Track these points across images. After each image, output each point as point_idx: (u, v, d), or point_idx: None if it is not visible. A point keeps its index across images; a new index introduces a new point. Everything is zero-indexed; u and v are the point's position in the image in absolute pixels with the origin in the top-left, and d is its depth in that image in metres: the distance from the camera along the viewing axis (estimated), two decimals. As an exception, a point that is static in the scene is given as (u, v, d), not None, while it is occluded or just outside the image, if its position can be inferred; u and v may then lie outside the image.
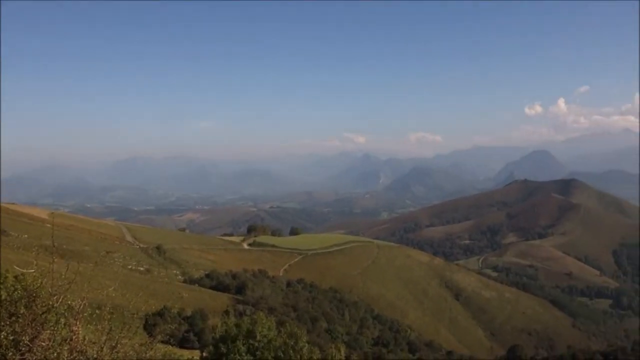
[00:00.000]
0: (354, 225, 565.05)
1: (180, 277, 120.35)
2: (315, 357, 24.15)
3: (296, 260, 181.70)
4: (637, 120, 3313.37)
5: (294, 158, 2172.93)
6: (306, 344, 24.96)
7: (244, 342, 23.97)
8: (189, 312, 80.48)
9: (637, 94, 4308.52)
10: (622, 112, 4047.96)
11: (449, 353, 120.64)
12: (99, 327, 10.77)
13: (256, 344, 24.12)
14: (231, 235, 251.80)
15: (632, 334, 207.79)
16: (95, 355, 10.12)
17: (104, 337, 10.59)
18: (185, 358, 27.83)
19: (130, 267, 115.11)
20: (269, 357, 23.74)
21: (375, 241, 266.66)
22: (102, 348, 10.30)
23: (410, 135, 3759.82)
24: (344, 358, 24.41)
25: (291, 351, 23.92)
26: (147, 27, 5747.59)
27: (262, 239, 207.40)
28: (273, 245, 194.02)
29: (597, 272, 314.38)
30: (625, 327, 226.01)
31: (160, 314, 68.37)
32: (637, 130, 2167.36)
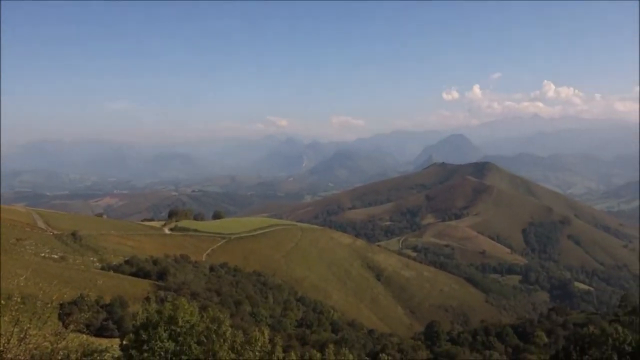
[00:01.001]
0: (278, 208, 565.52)
1: (97, 264, 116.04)
2: (238, 341, 24.01)
3: (219, 244, 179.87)
4: (545, 106, 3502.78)
5: (216, 141, 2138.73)
6: (229, 328, 24.76)
7: (165, 328, 23.46)
8: (107, 300, 77.91)
9: (545, 81, 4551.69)
10: (532, 98, 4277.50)
11: (371, 331, 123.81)
12: (6, 318, 10.13)
13: (178, 330, 23.67)
14: (152, 220, 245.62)
15: (539, 307, 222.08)
16: (1, 348, 9.51)
17: (12, 328, 9.99)
18: (104, 347, 26.87)
19: (43, 255, 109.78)
20: (192, 343, 23.39)
21: (299, 224, 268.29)
22: (8, 340, 9.70)
23: (333, 119, 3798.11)
24: (267, 340, 24.43)
25: (214, 336, 23.67)
26: (58, 6, 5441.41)
27: (184, 223, 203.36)
28: (195, 230, 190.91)
29: (508, 250, 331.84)
30: (533, 301, 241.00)
31: (75, 302, 65.71)
32: (546, 116, 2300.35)
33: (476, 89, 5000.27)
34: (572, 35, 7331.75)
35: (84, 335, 23.68)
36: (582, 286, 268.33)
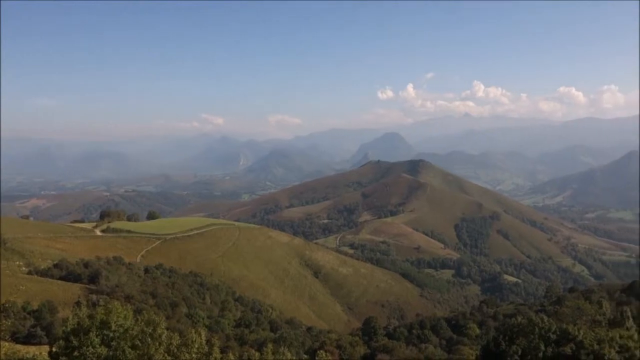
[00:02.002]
0: (214, 207, 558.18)
1: (24, 268, 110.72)
2: (175, 343, 23.65)
3: (154, 245, 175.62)
4: (475, 105, 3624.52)
5: (150, 139, 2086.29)
6: (165, 331, 24.34)
7: (97, 333, 22.79)
8: (35, 306, 74.61)
9: (475, 81, 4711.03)
10: (463, 97, 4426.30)
11: (309, 329, 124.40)
12: None
13: (111, 334, 23.05)
14: (82, 221, 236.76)
15: (471, 299, 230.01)
16: None
17: None
18: (32, 355, 25.81)
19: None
20: (126, 347, 22.82)
21: (236, 223, 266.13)
22: None
23: (269, 118, 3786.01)
24: (204, 342, 24.18)
25: (149, 339, 23.20)
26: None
27: (116, 224, 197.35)
28: (129, 231, 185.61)
29: (442, 245, 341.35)
30: (465, 294, 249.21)
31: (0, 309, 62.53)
32: (476, 115, 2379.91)
33: (410, 88, 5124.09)
34: (499, 36, 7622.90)
35: (9, 344, 22.66)
36: (510, 278, 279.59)
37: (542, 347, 32.97)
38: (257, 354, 28.58)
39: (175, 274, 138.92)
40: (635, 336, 33.63)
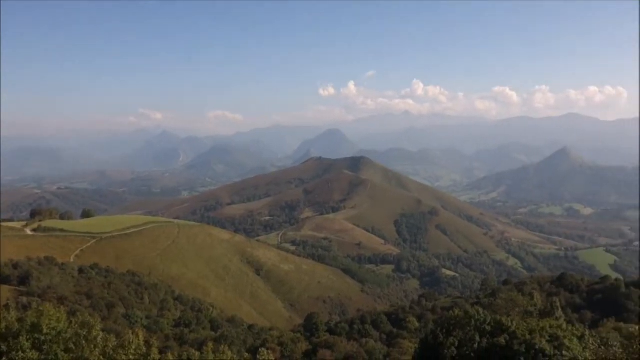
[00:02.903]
0: (153, 205, 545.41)
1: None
2: (111, 345, 22.95)
3: (89, 244, 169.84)
4: (415, 103, 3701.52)
5: (84, 135, 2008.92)
6: (101, 333, 23.62)
7: (28, 337, 21.82)
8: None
9: (415, 80, 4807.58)
10: (403, 96, 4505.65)
11: (251, 326, 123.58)
12: None
13: (43, 338, 22.13)
14: (11, 220, 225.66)
15: (410, 294, 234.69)
16: None
17: None
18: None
19: None
20: (59, 351, 21.98)
21: (176, 221, 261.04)
22: None
23: (210, 113, 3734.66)
24: (142, 343, 23.60)
25: (84, 341, 22.44)
26: None
27: (48, 223, 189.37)
28: (62, 230, 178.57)
29: (382, 241, 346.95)
30: (405, 289, 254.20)
31: None
32: (415, 113, 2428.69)
33: (352, 86, 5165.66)
34: (437, 36, 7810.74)
35: None
36: (448, 272, 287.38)
37: (478, 338, 34.03)
38: (197, 353, 28.12)
39: (111, 274, 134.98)
40: (564, 325, 35.21)
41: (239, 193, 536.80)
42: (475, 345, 33.74)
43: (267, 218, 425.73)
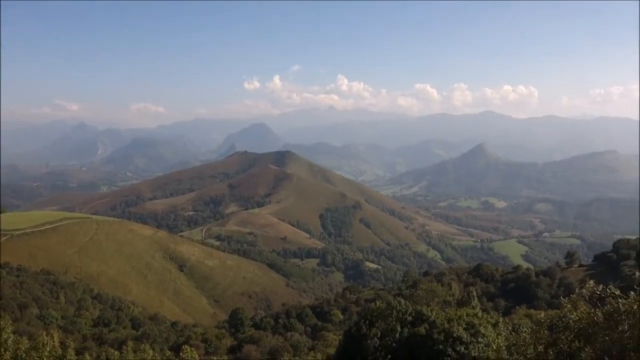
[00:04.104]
0: (70, 200, 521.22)
1: None
2: (23, 348, 21.82)
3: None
4: (339, 99, 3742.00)
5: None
6: (12, 335, 22.41)
7: None
8: None
9: (339, 76, 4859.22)
10: (327, 91, 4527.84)
11: (174, 324, 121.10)
12: None
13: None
14: None
15: (335, 287, 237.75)
16: None
17: None
18: None
19: None
20: (-37, 356, 20.66)
21: (94, 217, 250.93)
22: None
23: (131, 105, 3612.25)
24: (58, 344, 22.59)
25: (-7, 345, 21.20)
26: None
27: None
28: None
29: (307, 235, 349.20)
30: (329, 282, 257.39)
31: None
32: (340, 108, 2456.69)
33: (277, 80, 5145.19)
34: (360, 33, 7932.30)
35: None
36: (372, 265, 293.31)
37: (399, 329, 35.02)
38: (116, 353, 27.26)
39: (24, 273, 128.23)
40: (480, 313, 36.83)
41: (161, 188, 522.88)
42: (397, 335, 34.71)
43: (191, 213, 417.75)
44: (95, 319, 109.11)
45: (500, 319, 37.79)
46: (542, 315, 20.00)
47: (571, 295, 19.07)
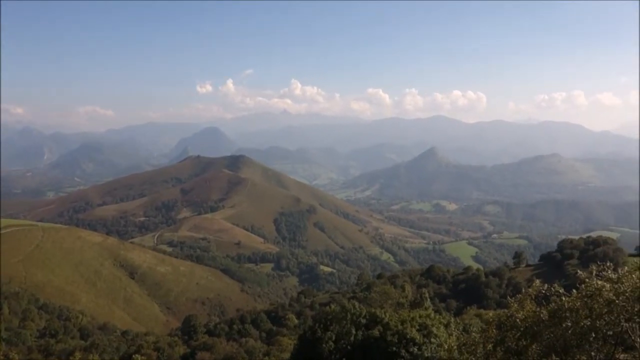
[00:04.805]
0: (13, 207, 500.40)
1: None
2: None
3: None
4: (293, 103, 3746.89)
5: None
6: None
7: None
8: None
9: (293, 80, 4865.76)
10: (281, 95, 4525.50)
11: (124, 333, 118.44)
12: None
13: None
14: None
15: (289, 291, 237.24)
16: None
17: None
18: None
19: None
20: None
21: (40, 224, 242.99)
22: None
23: (79, 109, 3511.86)
24: (1, 357, 21.85)
25: None
26: None
27: None
28: None
29: (262, 240, 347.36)
30: (284, 286, 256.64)
31: None
32: (294, 112, 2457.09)
33: (230, 83, 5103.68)
34: (313, 36, 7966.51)
35: None
36: (326, 269, 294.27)
37: (354, 331, 35.35)
38: (65, 364, 26.44)
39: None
40: (432, 314, 37.56)
41: (111, 193, 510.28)
42: (352, 338, 35.02)
43: (142, 219, 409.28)
44: (42, 330, 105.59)
45: (452, 320, 38.70)
46: (491, 314, 20.64)
47: (518, 295, 19.74)
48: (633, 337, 16.41)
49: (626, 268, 17.36)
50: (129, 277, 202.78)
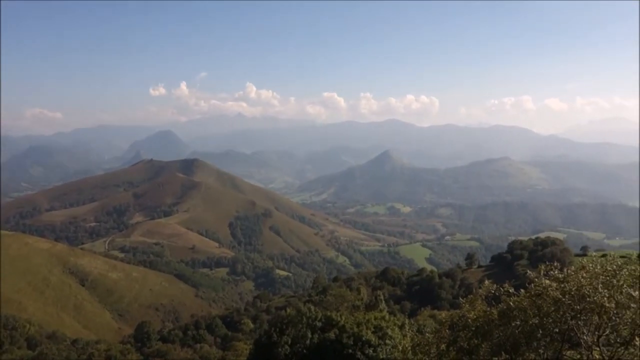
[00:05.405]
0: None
1: None
2: None
3: None
4: (248, 106, 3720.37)
5: None
6: None
7: None
8: None
9: (248, 83, 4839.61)
10: (236, 98, 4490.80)
11: (74, 341, 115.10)
12: None
13: None
14: None
15: (245, 296, 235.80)
16: None
17: None
18: None
19: None
20: None
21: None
22: None
23: (25, 111, 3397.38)
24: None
25: None
26: None
27: None
28: None
29: (217, 244, 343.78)
30: (240, 291, 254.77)
31: None
32: (249, 115, 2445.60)
33: (184, 86, 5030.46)
34: (266, 39, 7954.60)
35: None
36: (282, 272, 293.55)
37: (310, 335, 35.38)
38: (10, 376, 25.49)
39: None
40: (387, 316, 38.00)
41: (60, 198, 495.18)
42: (308, 342, 35.04)
43: (93, 224, 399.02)
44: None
45: (407, 321, 39.27)
46: (444, 315, 21.03)
47: (469, 296, 20.22)
48: (579, 335, 17.02)
49: (573, 267, 18.02)
50: (79, 284, 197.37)
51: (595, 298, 16.14)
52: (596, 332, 16.84)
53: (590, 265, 17.48)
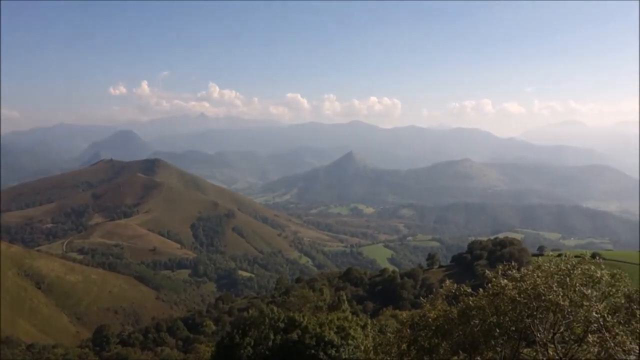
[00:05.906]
0: None
1: None
2: None
3: None
4: (211, 106, 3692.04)
5: None
6: None
7: None
8: None
9: (211, 83, 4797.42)
10: (199, 98, 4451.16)
11: (30, 346, 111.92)
12: None
13: None
14: None
15: (207, 297, 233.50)
16: None
17: None
18: None
19: None
20: None
21: None
22: None
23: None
24: None
25: None
26: None
27: None
28: None
29: (178, 246, 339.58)
30: (202, 293, 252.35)
31: None
32: (212, 115, 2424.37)
33: (145, 85, 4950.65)
34: (230, 38, 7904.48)
35: None
36: (245, 274, 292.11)
37: (272, 336, 35.34)
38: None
39: None
40: (350, 317, 38.24)
41: (15, 199, 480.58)
42: (270, 343, 34.99)
43: (50, 226, 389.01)
44: None
45: (369, 321, 39.60)
46: (405, 315, 21.29)
47: (430, 295, 20.56)
48: (535, 333, 17.48)
49: (529, 267, 18.50)
50: (35, 287, 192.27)
51: (550, 297, 16.61)
52: (551, 330, 17.33)
53: (546, 264, 18.00)
